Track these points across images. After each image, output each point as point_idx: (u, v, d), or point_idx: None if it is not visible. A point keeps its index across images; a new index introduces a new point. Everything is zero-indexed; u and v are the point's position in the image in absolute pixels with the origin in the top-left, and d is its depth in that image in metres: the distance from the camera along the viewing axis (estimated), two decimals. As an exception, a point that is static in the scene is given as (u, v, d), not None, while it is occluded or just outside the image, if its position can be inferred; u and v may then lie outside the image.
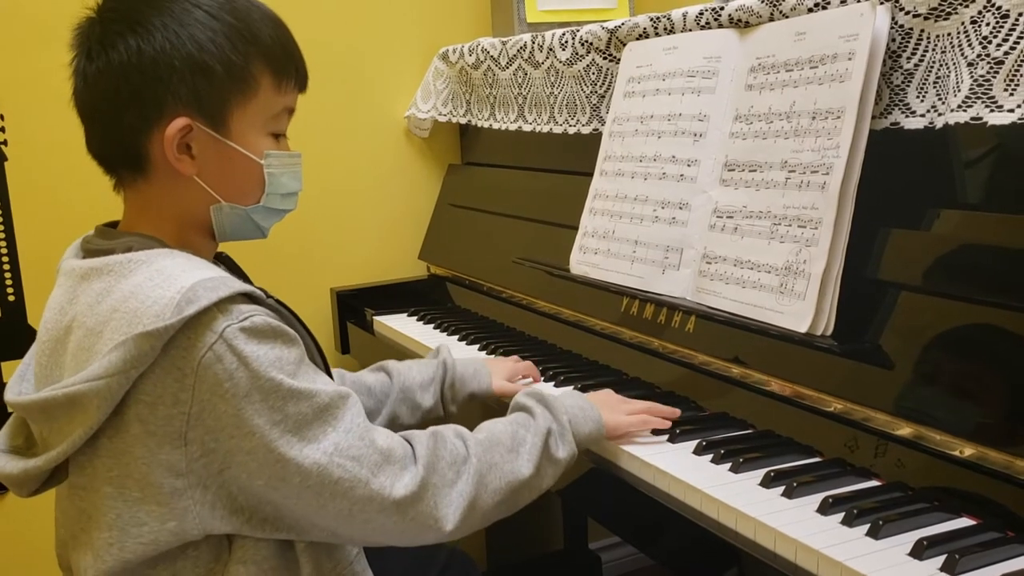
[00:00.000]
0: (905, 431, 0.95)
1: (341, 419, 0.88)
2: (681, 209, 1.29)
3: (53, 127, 1.68)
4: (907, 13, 1.03)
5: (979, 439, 0.88)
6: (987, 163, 1.00)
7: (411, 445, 0.93)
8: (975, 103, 0.95)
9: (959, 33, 0.97)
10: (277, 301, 0.93)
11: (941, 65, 1.01)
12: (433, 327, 1.73)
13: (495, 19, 2.02)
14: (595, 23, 1.55)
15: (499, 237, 1.79)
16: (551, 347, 1.53)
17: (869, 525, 0.86)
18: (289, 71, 0.96)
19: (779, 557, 0.86)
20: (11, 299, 1.74)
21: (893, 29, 1.05)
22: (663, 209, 1.32)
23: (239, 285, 0.86)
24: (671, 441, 1.09)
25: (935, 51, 1.02)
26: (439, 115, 2.03)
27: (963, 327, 0.94)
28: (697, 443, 1.07)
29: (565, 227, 1.54)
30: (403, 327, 1.75)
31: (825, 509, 0.90)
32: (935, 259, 0.99)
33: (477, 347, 1.57)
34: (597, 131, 1.56)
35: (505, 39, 1.80)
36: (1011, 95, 0.92)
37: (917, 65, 1.04)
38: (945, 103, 1.00)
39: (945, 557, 0.79)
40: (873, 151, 1.05)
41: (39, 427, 0.90)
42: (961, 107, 0.96)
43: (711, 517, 0.95)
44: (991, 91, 0.94)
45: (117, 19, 0.90)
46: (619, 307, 1.36)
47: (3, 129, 1.71)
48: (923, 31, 1.03)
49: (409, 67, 2.08)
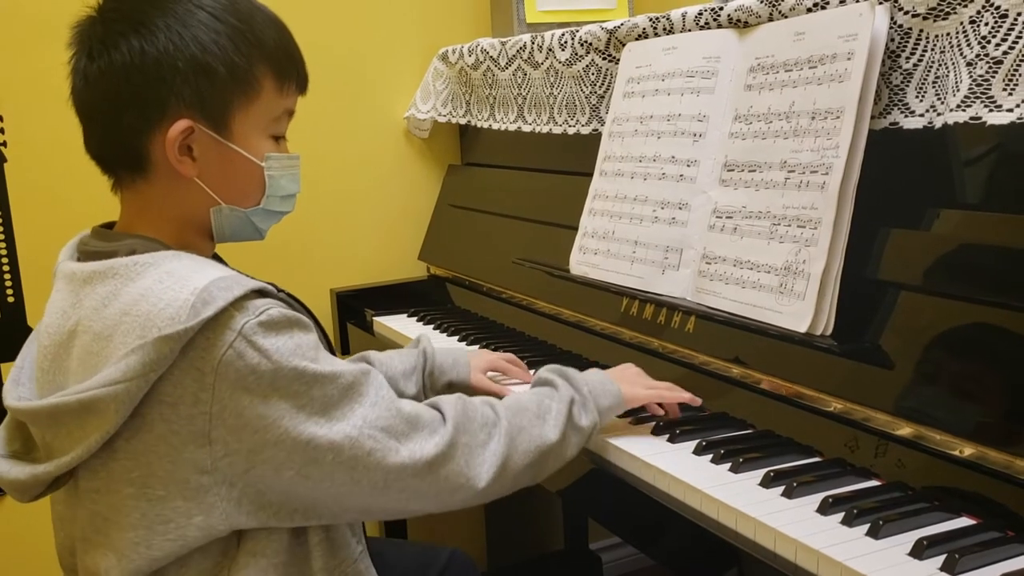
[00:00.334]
0: (905, 431, 0.95)
1: (366, 394, 0.89)
2: (681, 209, 1.30)
3: (53, 128, 1.68)
4: (906, 13, 1.03)
5: (979, 439, 0.88)
6: (986, 163, 1.00)
7: (439, 410, 0.95)
8: (974, 103, 0.95)
9: (958, 33, 0.97)
10: (287, 294, 0.94)
11: (940, 65, 1.01)
12: (433, 328, 1.73)
13: (494, 19, 2.02)
14: (594, 23, 1.55)
15: (499, 238, 1.79)
16: (551, 347, 1.53)
17: (869, 525, 0.86)
18: (291, 73, 0.96)
19: (779, 557, 0.86)
20: (11, 300, 1.74)
21: (892, 29, 1.05)
22: (663, 209, 1.32)
23: (251, 282, 0.86)
24: (671, 441, 1.09)
25: (934, 51, 1.02)
26: (439, 116, 2.03)
27: (963, 327, 0.94)
28: (697, 443, 1.07)
29: (565, 227, 1.54)
30: (403, 328, 1.75)
31: (825, 509, 0.90)
32: (934, 259, 0.99)
33: (477, 348, 1.57)
34: (596, 131, 1.56)
35: (504, 39, 1.80)
36: (1010, 95, 0.92)
37: (916, 65, 1.04)
38: (944, 103, 1.00)
39: (945, 557, 0.79)
40: (872, 151, 1.05)
41: (42, 432, 0.90)
42: (960, 107, 0.96)
43: (711, 517, 0.95)
44: (990, 91, 0.94)
45: (119, 19, 0.90)
46: (619, 307, 1.36)
47: (2, 130, 1.71)
48: (922, 31, 1.03)
49: (409, 68, 2.08)
